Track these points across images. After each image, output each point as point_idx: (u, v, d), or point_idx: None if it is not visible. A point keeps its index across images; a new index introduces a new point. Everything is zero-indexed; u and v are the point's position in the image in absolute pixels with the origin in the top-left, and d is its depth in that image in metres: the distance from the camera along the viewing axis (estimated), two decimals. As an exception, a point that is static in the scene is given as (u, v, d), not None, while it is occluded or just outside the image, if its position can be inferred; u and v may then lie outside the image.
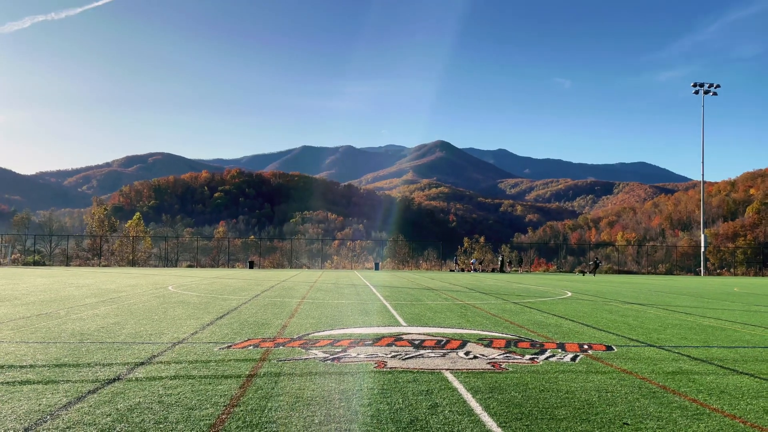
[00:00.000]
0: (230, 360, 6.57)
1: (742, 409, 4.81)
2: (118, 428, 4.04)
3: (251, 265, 53.57)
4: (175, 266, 59.65)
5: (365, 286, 22.50)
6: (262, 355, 6.93)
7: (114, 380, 5.47)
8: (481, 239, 73.16)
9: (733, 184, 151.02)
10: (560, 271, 56.64)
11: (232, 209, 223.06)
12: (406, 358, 6.78)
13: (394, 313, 12.19)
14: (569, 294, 20.06)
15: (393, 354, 7.07)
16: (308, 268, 56.68)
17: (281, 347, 7.51)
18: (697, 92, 57.84)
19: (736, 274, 60.35)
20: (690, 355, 7.50)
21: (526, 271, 54.26)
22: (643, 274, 55.55)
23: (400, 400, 4.86)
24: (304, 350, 7.28)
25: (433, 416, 4.42)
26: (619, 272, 56.97)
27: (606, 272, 56.90)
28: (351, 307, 13.45)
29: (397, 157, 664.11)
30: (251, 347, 7.47)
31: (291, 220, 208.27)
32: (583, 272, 51.93)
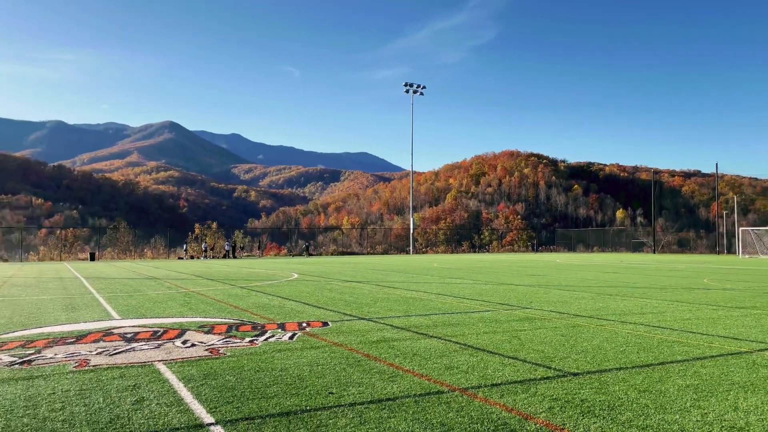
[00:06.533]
0: None
1: (429, 368, 5.55)
2: None
3: None
4: None
5: (75, 279, 20.10)
6: (-77, 367, 5.67)
7: None
8: (214, 225, 71.28)
9: (437, 175, 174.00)
10: (291, 255, 58.44)
11: None
12: (114, 354, 6.24)
13: (107, 306, 11.13)
14: (296, 276, 20.80)
15: (99, 350, 6.44)
16: (5, 261, 48.30)
17: (-48, 356, 6.25)
18: (407, 91, 64.80)
19: (437, 252, 69.75)
20: (393, 324, 8.41)
21: (260, 256, 54.72)
22: (364, 254, 60.60)
23: (101, 399, 4.45)
24: (-17, 357, 6.17)
25: (138, 411, 4.14)
26: (344, 253, 61.17)
27: (332, 254, 60.58)
28: (54, 302, 11.87)
29: (120, 137, 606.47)
30: None
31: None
32: (298, 255, 55.02)
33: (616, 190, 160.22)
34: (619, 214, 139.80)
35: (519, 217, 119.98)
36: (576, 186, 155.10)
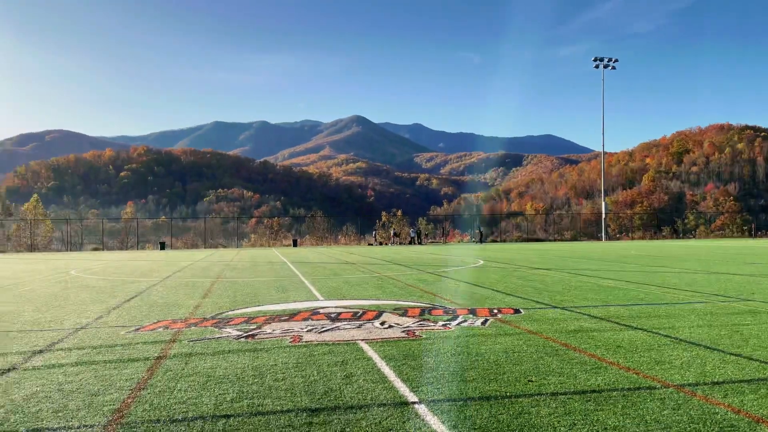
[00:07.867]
0: (137, 343, 6.32)
1: (636, 361, 5.17)
2: (12, 419, 3.79)
3: (162, 247, 51.59)
4: (80, 250, 56.40)
5: (283, 263, 22.26)
6: (173, 336, 6.71)
7: (8, 371, 5.11)
8: (399, 213, 73.97)
9: (631, 154, 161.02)
10: (473, 242, 58.52)
11: (140, 189, 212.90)
12: (322, 331, 6.79)
13: (312, 288, 12.15)
14: (481, 262, 20.77)
15: (309, 328, 7.06)
16: (224, 247, 55.27)
17: (193, 327, 7.31)
18: (597, 66, 60.69)
19: (633, 238, 64.71)
20: (590, 314, 7.99)
21: (443, 242, 55.70)
22: (551, 241, 58.44)
23: (315, 373, 4.87)
24: (217, 329, 7.12)
25: (348, 386, 4.46)
26: (528, 240, 59.59)
27: (516, 240, 59.41)
28: (267, 284, 13.28)
29: (314, 133, 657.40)
30: (161, 329, 7.22)
31: (204, 199, 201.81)
32: (480, 241, 54.62)
33: None
34: None
35: (731, 198, 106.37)
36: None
